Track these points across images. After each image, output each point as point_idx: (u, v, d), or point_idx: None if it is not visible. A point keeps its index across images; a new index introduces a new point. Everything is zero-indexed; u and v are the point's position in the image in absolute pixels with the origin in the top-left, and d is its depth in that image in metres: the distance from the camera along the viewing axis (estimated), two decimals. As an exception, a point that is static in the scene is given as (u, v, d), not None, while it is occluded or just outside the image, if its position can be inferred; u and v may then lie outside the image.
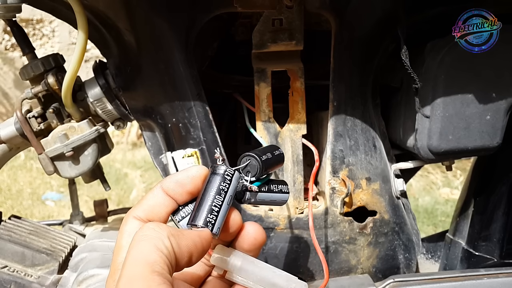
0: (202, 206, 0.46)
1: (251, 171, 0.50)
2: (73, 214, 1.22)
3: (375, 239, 0.85)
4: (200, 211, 0.46)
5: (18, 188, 3.27)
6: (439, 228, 2.69)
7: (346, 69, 0.83)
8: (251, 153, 0.50)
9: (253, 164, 0.50)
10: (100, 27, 0.83)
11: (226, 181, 0.47)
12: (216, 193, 0.46)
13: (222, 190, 0.47)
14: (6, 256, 0.90)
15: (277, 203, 0.54)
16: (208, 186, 0.47)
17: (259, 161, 0.50)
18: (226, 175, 0.47)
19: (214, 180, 0.47)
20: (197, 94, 0.81)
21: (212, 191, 0.46)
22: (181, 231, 0.43)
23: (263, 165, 0.50)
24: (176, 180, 0.47)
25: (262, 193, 0.52)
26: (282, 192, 0.54)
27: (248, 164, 0.50)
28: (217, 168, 0.47)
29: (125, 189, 3.30)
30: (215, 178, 0.47)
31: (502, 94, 0.81)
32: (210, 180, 0.47)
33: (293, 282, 0.49)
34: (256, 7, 0.78)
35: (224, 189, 0.47)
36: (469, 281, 0.78)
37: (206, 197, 0.46)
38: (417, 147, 0.84)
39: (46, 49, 4.24)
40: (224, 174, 0.47)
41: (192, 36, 0.79)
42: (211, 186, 0.47)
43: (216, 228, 0.46)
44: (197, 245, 0.43)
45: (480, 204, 1.01)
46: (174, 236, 0.41)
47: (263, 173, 0.51)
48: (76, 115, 0.87)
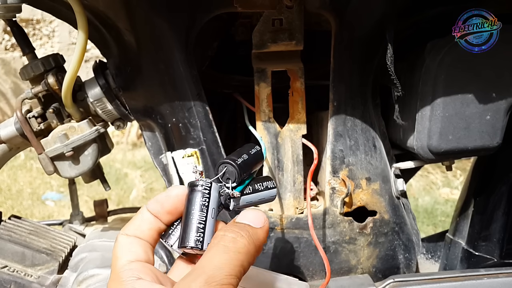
0: (187, 226, 0.46)
1: (230, 177, 0.50)
2: (73, 214, 1.22)
3: (375, 239, 0.85)
4: (187, 232, 0.46)
5: (18, 188, 3.27)
6: (439, 228, 2.69)
7: (346, 69, 0.83)
8: (226, 160, 0.51)
9: (230, 170, 0.50)
10: (100, 27, 0.83)
11: (205, 196, 0.47)
12: (199, 210, 0.47)
13: (203, 205, 0.47)
14: (6, 256, 0.90)
15: (267, 200, 0.54)
16: (189, 204, 0.47)
17: (235, 166, 0.50)
18: (204, 189, 0.47)
19: (194, 197, 0.47)
20: (197, 94, 0.81)
21: (194, 209, 0.47)
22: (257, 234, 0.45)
23: (240, 169, 0.50)
24: (157, 200, 0.49)
25: (248, 195, 0.52)
26: (269, 188, 0.54)
27: (226, 171, 0.50)
28: (193, 185, 0.47)
29: (125, 189, 3.30)
30: (194, 195, 0.47)
31: (502, 94, 0.81)
32: (189, 198, 0.47)
33: (294, 284, 0.49)
34: (256, 7, 0.78)
35: (205, 204, 0.47)
36: (469, 281, 0.78)
37: (190, 216, 0.46)
38: (417, 147, 0.84)
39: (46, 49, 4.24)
40: (202, 189, 0.47)
41: (192, 36, 0.79)
42: (192, 204, 0.47)
43: (206, 244, 0.46)
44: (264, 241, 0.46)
45: (480, 204, 1.01)
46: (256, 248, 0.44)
47: (243, 176, 0.51)
48: (76, 115, 0.87)
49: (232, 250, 0.42)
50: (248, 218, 0.46)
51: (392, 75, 0.76)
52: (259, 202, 0.53)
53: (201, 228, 0.46)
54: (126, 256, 0.46)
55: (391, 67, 0.75)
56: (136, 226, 0.48)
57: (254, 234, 0.44)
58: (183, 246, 0.46)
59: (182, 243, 0.46)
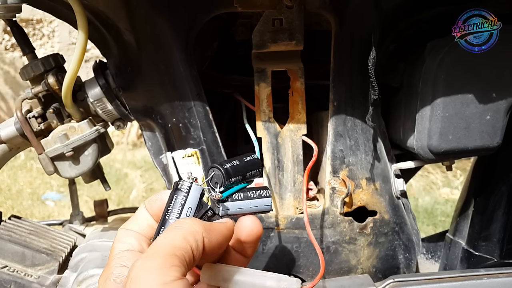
0: (163, 223, 0.48)
1: (218, 181, 0.51)
2: (73, 214, 1.22)
3: (375, 239, 0.85)
4: (160, 228, 0.48)
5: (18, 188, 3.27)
6: (439, 228, 2.69)
7: (346, 69, 0.83)
8: (215, 164, 0.52)
9: (217, 174, 0.51)
10: (100, 27, 0.83)
11: (183, 195, 0.48)
12: (176, 208, 0.48)
13: (181, 204, 0.48)
14: (6, 256, 0.90)
15: (260, 209, 0.54)
16: (168, 202, 0.49)
17: (221, 169, 0.50)
18: (183, 188, 0.49)
19: (173, 196, 0.49)
20: (197, 94, 0.81)
21: (171, 206, 0.48)
22: (212, 225, 0.48)
23: (226, 173, 0.50)
24: (150, 200, 0.53)
25: (238, 201, 0.52)
26: (262, 196, 0.53)
27: (214, 175, 0.51)
28: (176, 184, 0.49)
29: (125, 189, 3.30)
30: (174, 194, 0.49)
31: (502, 94, 0.81)
32: (170, 196, 0.49)
33: (283, 281, 0.50)
34: (256, 7, 0.78)
35: (182, 202, 0.48)
36: (469, 281, 0.78)
37: (166, 213, 0.48)
38: (417, 147, 0.84)
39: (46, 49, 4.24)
40: (181, 188, 0.49)
41: (192, 36, 0.80)
42: (171, 202, 0.49)
43: None
44: (225, 236, 0.49)
45: (480, 204, 1.01)
46: (207, 231, 0.46)
47: (229, 181, 0.51)
48: (76, 115, 0.87)
49: (171, 230, 0.45)
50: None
51: (372, 77, 0.75)
52: (252, 210, 0.53)
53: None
54: (119, 246, 0.50)
55: (372, 69, 0.75)
56: (135, 222, 0.52)
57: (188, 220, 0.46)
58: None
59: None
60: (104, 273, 0.47)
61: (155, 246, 0.43)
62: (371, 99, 0.79)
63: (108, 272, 0.47)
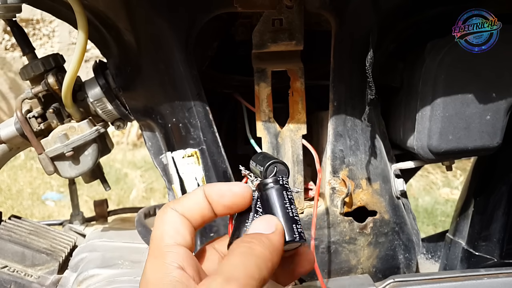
0: (289, 220, 0.45)
1: (283, 175, 0.48)
2: (73, 214, 1.23)
3: (375, 239, 0.85)
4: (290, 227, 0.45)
5: (18, 188, 3.28)
6: (439, 228, 2.69)
7: (346, 69, 0.83)
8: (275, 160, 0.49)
9: (281, 169, 0.48)
10: (100, 27, 0.83)
11: (288, 190, 0.47)
12: (289, 204, 0.46)
13: (292, 199, 0.46)
14: (6, 256, 0.90)
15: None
16: (273, 202, 0.46)
17: (285, 164, 0.49)
18: (286, 183, 0.47)
19: (276, 194, 0.46)
20: (197, 94, 0.81)
21: (285, 202, 0.46)
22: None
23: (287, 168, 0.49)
24: (219, 188, 0.47)
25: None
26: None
27: (277, 171, 0.48)
28: (270, 182, 0.47)
29: (125, 189, 3.30)
30: (275, 192, 0.46)
31: (502, 94, 0.81)
32: (268, 195, 0.46)
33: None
34: (256, 7, 0.78)
35: (292, 198, 0.46)
36: (469, 281, 0.78)
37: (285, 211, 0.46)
38: (417, 147, 0.84)
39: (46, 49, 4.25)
40: (283, 183, 0.46)
41: (192, 36, 0.79)
42: (277, 200, 0.46)
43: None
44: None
45: (480, 204, 1.01)
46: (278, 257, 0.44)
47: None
48: (76, 115, 0.87)
49: (248, 254, 0.42)
50: (258, 227, 0.45)
51: (369, 78, 0.75)
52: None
53: (299, 221, 0.47)
54: (173, 236, 0.44)
55: (369, 69, 0.75)
56: (188, 206, 0.46)
57: (267, 240, 0.43)
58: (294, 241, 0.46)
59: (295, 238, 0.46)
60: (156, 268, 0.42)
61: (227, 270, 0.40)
62: (368, 99, 0.79)
63: (163, 270, 0.42)
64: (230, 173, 0.82)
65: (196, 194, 0.47)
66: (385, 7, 0.81)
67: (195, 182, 0.81)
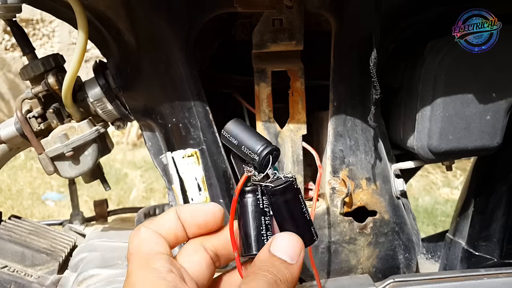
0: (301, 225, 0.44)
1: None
2: (73, 214, 1.23)
3: (375, 239, 0.85)
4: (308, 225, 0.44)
5: (18, 188, 3.28)
6: (439, 228, 2.69)
7: (346, 69, 0.83)
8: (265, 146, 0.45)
9: (275, 155, 0.46)
10: (100, 27, 0.83)
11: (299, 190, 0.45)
12: (304, 205, 0.44)
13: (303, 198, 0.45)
14: (6, 256, 0.90)
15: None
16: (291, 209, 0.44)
17: (274, 146, 0.46)
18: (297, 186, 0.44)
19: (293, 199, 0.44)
20: (197, 94, 0.81)
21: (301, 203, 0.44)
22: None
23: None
24: (190, 210, 0.47)
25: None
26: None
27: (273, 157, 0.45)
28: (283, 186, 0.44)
29: (125, 189, 3.30)
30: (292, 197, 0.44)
31: (502, 94, 0.81)
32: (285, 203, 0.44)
33: None
34: (256, 7, 0.78)
35: (302, 197, 0.45)
36: (469, 281, 0.78)
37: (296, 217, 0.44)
38: (417, 147, 0.84)
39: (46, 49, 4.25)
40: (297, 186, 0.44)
41: (192, 36, 0.79)
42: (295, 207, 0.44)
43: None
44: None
45: (480, 204, 1.01)
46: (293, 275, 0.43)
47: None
48: (76, 115, 0.87)
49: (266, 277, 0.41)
50: (284, 249, 0.43)
51: (373, 78, 0.75)
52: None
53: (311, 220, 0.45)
54: (153, 247, 0.44)
55: (373, 69, 0.75)
56: (160, 225, 0.46)
57: (290, 275, 0.42)
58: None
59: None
60: (146, 276, 0.41)
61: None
62: (373, 99, 0.79)
63: (155, 275, 0.41)
64: (230, 173, 0.82)
65: (168, 215, 0.47)
66: (386, 7, 0.81)
67: (195, 182, 0.81)
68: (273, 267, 0.42)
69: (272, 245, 0.44)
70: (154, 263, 0.42)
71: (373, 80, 0.76)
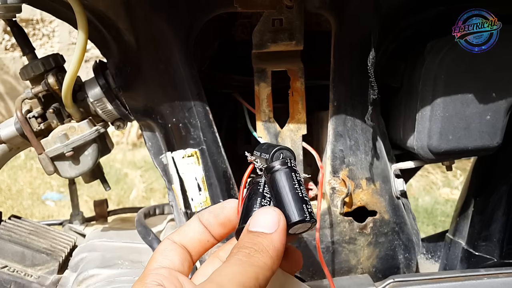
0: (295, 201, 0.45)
1: (290, 159, 0.48)
2: (73, 214, 1.22)
3: (375, 239, 0.85)
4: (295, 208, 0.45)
5: (18, 188, 3.28)
6: (439, 228, 2.69)
7: (346, 69, 0.83)
8: (281, 146, 0.49)
9: (287, 154, 0.48)
10: (100, 27, 0.83)
11: (297, 172, 0.46)
12: (298, 185, 0.45)
13: (300, 181, 0.46)
14: (6, 256, 0.90)
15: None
16: (281, 184, 0.45)
17: (290, 149, 0.49)
18: (294, 166, 0.46)
19: (284, 175, 0.46)
20: (197, 94, 0.81)
21: (292, 185, 0.45)
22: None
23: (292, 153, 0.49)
24: (210, 210, 0.48)
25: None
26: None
27: (283, 156, 0.48)
28: (278, 164, 0.46)
29: (125, 189, 3.30)
30: (283, 173, 0.46)
31: (502, 94, 0.81)
32: (276, 178, 0.46)
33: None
34: (256, 7, 0.78)
35: (300, 180, 0.46)
36: (469, 281, 0.78)
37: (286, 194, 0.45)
38: (417, 147, 0.84)
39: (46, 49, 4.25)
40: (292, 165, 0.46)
41: (192, 36, 0.80)
42: (286, 182, 0.45)
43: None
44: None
45: (480, 204, 1.01)
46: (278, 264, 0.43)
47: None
48: (76, 115, 0.87)
49: (246, 263, 0.41)
50: (260, 223, 0.44)
51: (371, 77, 0.75)
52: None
53: (309, 202, 0.45)
54: (159, 261, 0.46)
55: (371, 69, 0.75)
56: (184, 234, 0.48)
57: (268, 244, 0.43)
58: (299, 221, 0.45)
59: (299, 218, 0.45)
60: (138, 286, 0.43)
61: (219, 279, 0.39)
62: (370, 99, 0.79)
63: (143, 286, 0.43)
64: (230, 173, 0.82)
65: (192, 222, 0.48)
66: (386, 7, 0.81)
67: (195, 182, 0.81)
68: (249, 242, 0.43)
69: (250, 225, 0.45)
70: (146, 278, 0.43)
71: (371, 80, 0.76)
